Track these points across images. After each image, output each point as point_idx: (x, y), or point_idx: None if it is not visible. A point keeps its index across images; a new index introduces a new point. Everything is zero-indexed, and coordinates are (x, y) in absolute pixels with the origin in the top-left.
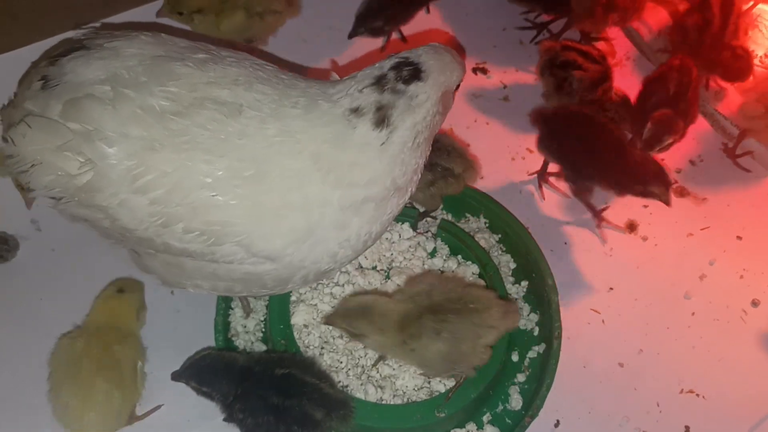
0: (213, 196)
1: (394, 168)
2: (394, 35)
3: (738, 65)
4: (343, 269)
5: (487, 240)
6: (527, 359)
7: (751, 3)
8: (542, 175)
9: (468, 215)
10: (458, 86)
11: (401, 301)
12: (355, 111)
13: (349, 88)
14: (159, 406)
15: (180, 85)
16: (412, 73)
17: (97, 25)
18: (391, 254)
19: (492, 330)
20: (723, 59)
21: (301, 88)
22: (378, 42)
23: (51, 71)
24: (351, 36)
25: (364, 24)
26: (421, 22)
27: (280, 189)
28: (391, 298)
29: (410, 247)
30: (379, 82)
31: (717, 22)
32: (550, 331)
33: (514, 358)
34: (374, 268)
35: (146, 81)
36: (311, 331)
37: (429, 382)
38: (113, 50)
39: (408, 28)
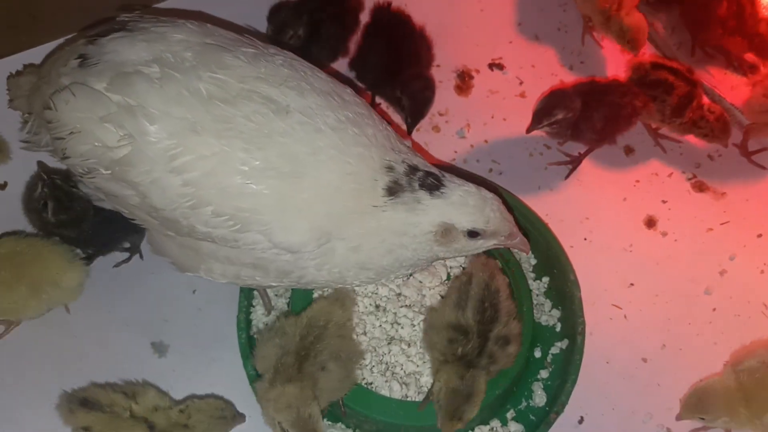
0: (247, 183)
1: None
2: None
3: None
4: None
5: None
6: (550, 355)
7: None
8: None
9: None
10: (475, 234)
11: (272, 367)
12: (389, 168)
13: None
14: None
15: (229, 74)
16: (431, 183)
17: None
18: None
19: (350, 322)
20: (763, 32)
21: (367, 122)
22: None
23: (90, 50)
24: (529, 131)
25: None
26: (440, 15)
27: (312, 193)
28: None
29: None
30: (412, 171)
31: (747, 3)
32: (572, 326)
33: (537, 354)
34: None
35: (195, 65)
36: None
37: None
38: (159, 34)
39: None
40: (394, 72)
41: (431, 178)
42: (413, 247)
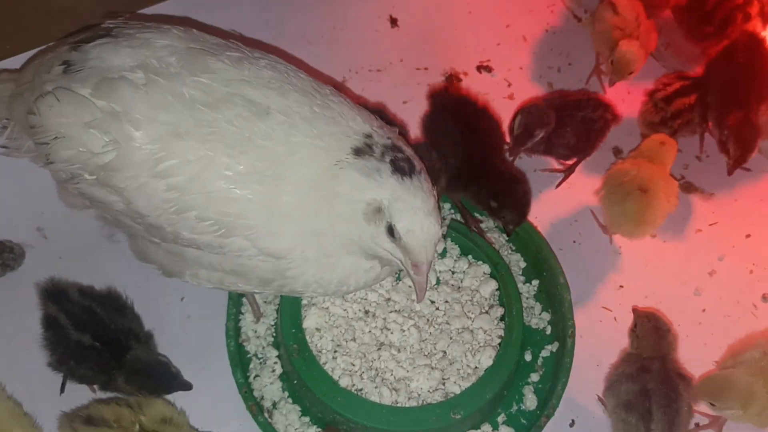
0: (231, 188)
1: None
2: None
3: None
4: None
5: (496, 239)
6: (540, 358)
7: None
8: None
9: (477, 215)
10: (391, 233)
11: None
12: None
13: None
14: None
15: (213, 79)
16: (403, 167)
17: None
18: None
19: None
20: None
21: (343, 108)
22: (380, 37)
23: (74, 56)
24: (513, 155)
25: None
26: (428, 17)
27: (292, 193)
28: None
29: None
30: (395, 149)
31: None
32: (563, 329)
33: (527, 357)
34: None
35: (179, 70)
36: (323, 334)
37: (444, 384)
38: (144, 40)
39: (420, 26)
40: (476, 169)
41: (408, 164)
42: (345, 214)
